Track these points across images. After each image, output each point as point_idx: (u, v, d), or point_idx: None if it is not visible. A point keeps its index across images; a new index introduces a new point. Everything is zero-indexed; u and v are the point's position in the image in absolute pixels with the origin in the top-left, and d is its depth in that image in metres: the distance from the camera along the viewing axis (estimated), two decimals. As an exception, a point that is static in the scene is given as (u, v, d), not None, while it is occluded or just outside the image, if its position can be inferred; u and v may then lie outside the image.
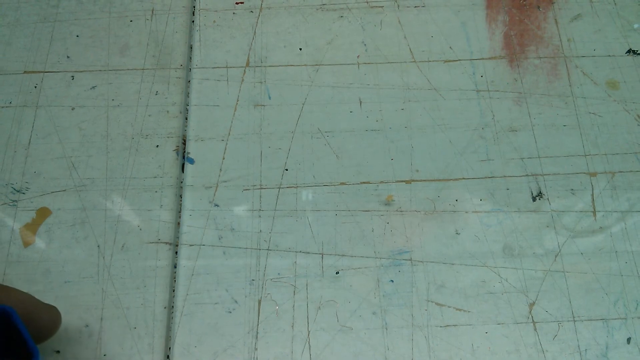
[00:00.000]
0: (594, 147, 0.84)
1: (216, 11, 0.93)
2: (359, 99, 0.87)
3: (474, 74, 0.89)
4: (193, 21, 0.92)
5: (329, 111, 0.86)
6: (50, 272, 0.76)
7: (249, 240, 0.79)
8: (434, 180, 0.82)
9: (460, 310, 0.76)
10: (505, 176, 0.83)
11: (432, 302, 0.76)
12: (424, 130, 0.85)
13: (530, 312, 0.76)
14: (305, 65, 0.89)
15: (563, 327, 0.75)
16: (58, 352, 0.73)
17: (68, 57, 0.89)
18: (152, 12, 0.92)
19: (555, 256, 0.79)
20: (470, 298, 0.76)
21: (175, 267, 0.77)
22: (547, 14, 0.94)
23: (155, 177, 0.82)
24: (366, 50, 0.90)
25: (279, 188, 0.82)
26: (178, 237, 0.79)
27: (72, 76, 0.88)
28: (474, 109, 0.87)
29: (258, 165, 0.83)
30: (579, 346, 0.74)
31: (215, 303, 0.76)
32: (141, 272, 0.77)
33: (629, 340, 0.75)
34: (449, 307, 0.76)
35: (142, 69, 0.88)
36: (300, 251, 0.78)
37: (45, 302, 0.61)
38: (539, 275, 0.77)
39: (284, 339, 0.74)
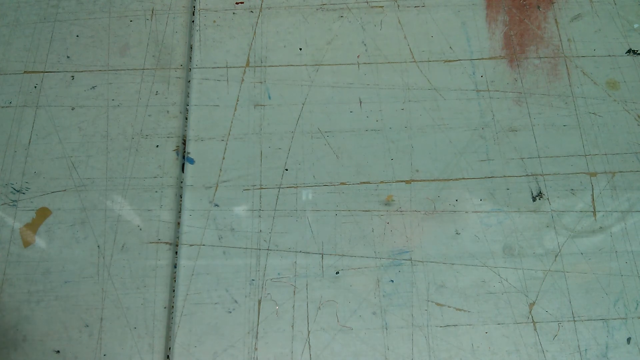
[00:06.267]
0: (594, 147, 0.84)
1: (216, 11, 0.93)
2: (359, 99, 0.87)
3: (474, 74, 0.89)
4: (193, 21, 0.92)
5: (329, 111, 0.86)
6: (50, 272, 0.76)
7: (249, 240, 0.79)
8: (434, 180, 0.82)
9: (460, 310, 0.76)
10: (505, 176, 0.83)
11: (432, 302, 0.76)
12: (424, 130, 0.85)
13: (530, 312, 0.76)
14: (305, 65, 0.89)
15: (563, 327, 0.75)
16: (58, 352, 0.73)
17: (68, 57, 0.89)
18: (152, 12, 0.93)
19: (555, 256, 0.79)
20: (470, 298, 0.76)
21: (175, 267, 0.77)
22: (547, 14, 0.94)
23: (155, 177, 0.82)
24: (366, 50, 0.90)
25: (279, 188, 0.82)
26: (178, 237, 0.79)
27: (72, 76, 0.88)
28: (474, 109, 0.87)
29: (258, 165, 0.83)
30: (579, 346, 0.74)
31: (215, 303, 0.76)
32: (141, 272, 0.77)
33: (629, 340, 0.75)
34: (449, 307, 0.76)
35: (142, 69, 0.88)
36: (300, 251, 0.78)
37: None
38: (539, 275, 0.77)
39: (284, 339, 0.74)
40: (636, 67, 0.90)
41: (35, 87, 0.87)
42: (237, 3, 0.94)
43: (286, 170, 0.83)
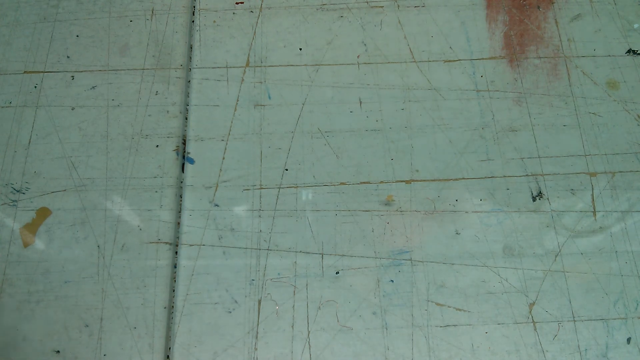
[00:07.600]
0: (594, 147, 0.84)
1: (216, 11, 0.93)
2: (359, 99, 0.87)
3: (474, 74, 0.89)
4: (193, 21, 0.92)
5: (329, 111, 0.86)
6: (50, 272, 0.76)
7: (249, 240, 0.79)
8: (434, 180, 0.82)
9: (460, 310, 0.76)
10: (505, 176, 0.83)
11: (432, 302, 0.76)
12: (424, 130, 0.85)
13: (530, 312, 0.76)
14: (305, 65, 0.89)
15: (563, 327, 0.75)
16: (58, 352, 0.73)
17: (68, 57, 0.89)
18: (152, 12, 0.93)
19: (555, 256, 0.79)
20: (470, 298, 0.76)
21: (175, 267, 0.77)
22: (547, 14, 0.94)
23: (155, 177, 0.82)
24: (366, 50, 0.90)
25: (279, 188, 0.82)
26: (178, 237, 0.79)
27: (72, 76, 0.88)
28: (474, 109, 0.87)
29: (258, 165, 0.83)
30: (579, 346, 0.74)
31: (215, 303, 0.76)
32: (141, 272, 0.77)
33: (629, 340, 0.75)
34: (449, 307, 0.76)
35: (142, 69, 0.88)
36: (300, 251, 0.78)
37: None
38: (539, 275, 0.77)
39: (284, 339, 0.74)
40: (636, 67, 0.90)
41: (35, 87, 0.87)
42: (237, 3, 0.94)
43: (286, 170, 0.83)
